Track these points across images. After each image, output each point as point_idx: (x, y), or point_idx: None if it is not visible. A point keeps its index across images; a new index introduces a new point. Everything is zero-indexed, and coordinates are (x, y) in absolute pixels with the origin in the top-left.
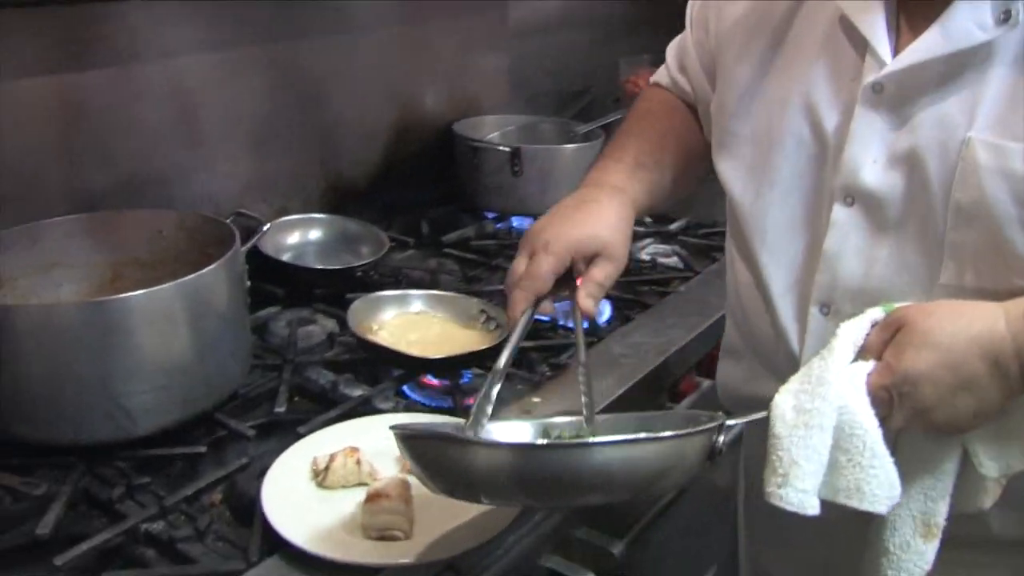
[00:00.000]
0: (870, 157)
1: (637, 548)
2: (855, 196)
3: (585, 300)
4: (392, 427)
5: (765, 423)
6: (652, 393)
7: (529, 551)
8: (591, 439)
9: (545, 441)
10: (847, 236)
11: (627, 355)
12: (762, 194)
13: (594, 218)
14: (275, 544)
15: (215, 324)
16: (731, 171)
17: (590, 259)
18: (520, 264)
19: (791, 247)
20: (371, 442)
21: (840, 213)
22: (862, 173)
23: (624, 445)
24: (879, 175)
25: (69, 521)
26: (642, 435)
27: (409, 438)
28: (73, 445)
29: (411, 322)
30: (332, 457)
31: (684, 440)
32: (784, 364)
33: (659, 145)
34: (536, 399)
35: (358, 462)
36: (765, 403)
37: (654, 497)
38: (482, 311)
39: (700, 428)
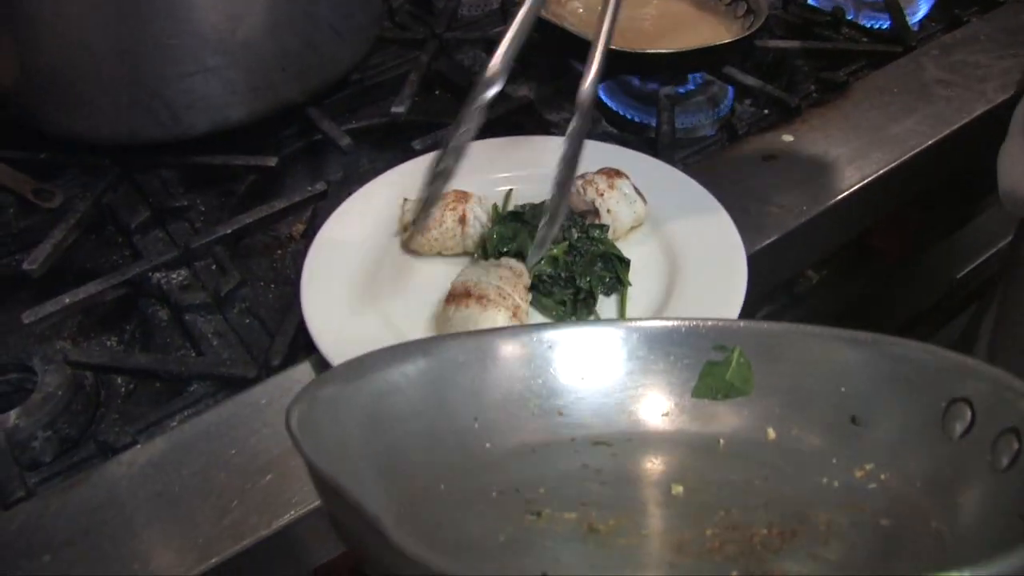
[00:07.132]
0: None
1: None
2: None
3: None
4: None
5: None
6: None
7: None
8: None
9: None
10: None
11: (947, 82)
12: None
13: None
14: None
15: None
16: None
17: None
18: None
19: None
20: (511, 181)
21: None
22: None
23: None
24: None
25: (75, 251)
26: None
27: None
28: (110, 142)
29: None
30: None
31: None
32: None
33: None
34: (788, 137)
35: (462, 219)
36: None
37: None
38: None
39: None
